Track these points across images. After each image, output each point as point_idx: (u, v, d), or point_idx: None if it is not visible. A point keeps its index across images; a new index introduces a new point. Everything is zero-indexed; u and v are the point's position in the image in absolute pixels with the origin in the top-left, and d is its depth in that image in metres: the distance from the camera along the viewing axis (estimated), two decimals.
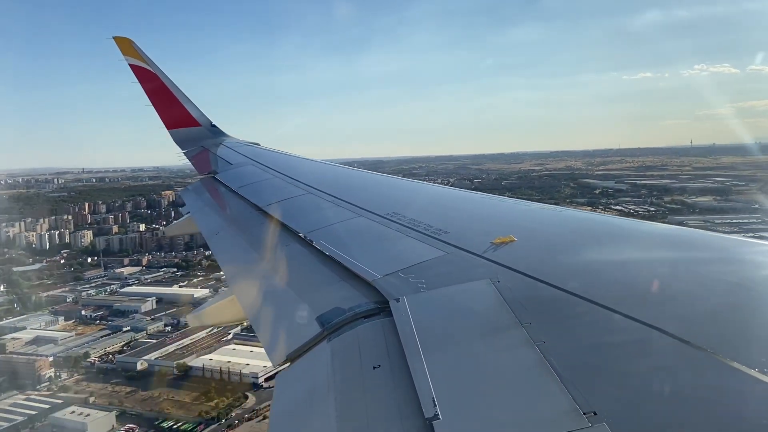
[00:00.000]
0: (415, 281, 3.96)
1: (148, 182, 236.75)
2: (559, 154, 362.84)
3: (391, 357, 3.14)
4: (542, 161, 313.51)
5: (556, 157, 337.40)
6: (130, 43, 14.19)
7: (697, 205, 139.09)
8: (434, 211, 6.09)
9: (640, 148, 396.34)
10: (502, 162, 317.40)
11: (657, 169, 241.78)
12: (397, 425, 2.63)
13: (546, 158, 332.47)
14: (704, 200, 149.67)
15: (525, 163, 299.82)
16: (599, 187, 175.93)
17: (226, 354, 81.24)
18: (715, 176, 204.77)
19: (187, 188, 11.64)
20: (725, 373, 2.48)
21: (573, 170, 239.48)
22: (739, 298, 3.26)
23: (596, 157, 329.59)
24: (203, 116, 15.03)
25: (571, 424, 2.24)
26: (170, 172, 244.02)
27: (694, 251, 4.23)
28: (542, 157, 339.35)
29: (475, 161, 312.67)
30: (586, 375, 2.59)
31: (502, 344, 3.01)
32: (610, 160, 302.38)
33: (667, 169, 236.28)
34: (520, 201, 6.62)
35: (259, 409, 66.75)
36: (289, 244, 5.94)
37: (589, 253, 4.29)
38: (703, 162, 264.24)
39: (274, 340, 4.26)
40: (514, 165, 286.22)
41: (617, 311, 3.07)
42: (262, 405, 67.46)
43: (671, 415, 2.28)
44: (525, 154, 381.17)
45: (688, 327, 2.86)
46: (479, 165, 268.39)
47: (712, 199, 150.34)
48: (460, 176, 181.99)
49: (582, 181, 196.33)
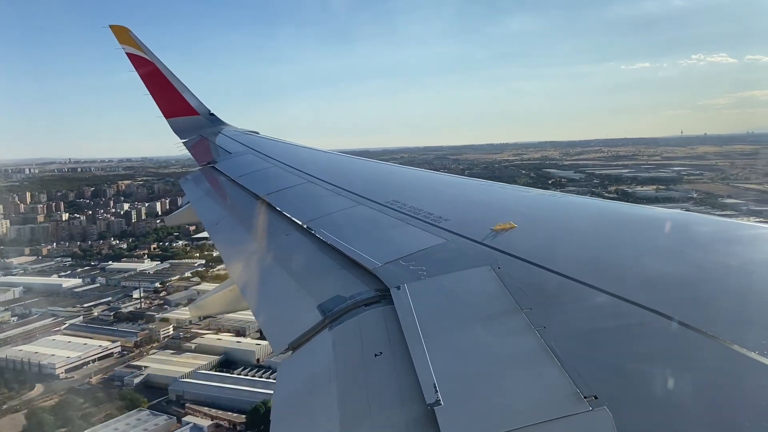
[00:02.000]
0: (416, 269, 3.96)
1: (120, 172, 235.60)
2: (545, 145, 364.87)
3: (392, 344, 3.16)
4: (522, 152, 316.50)
5: (544, 147, 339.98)
6: (127, 31, 14.10)
7: (636, 194, 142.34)
8: (434, 199, 6.07)
9: (631, 138, 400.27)
10: (483, 152, 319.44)
11: (626, 159, 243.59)
12: (398, 412, 2.66)
13: (533, 149, 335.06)
14: (645, 189, 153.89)
15: (504, 154, 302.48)
16: (558, 177, 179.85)
17: (45, 345, 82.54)
18: (676, 166, 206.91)
19: (186, 178, 11.57)
20: (726, 357, 2.49)
21: (545, 160, 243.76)
22: (740, 283, 3.26)
23: (582, 147, 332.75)
24: (201, 105, 14.97)
25: (572, 408, 2.27)
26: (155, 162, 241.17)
27: (694, 236, 4.23)
28: (532, 148, 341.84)
29: (458, 152, 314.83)
30: (586, 360, 2.60)
31: (503, 330, 3.03)
32: (590, 150, 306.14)
33: (635, 159, 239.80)
34: (520, 188, 6.66)
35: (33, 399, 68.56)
36: (289, 233, 5.95)
37: (588, 239, 4.30)
38: (675, 152, 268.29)
39: (276, 328, 4.31)
40: (493, 155, 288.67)
41: (617, 296, 3.08)
42: (46, 395, 69.75)
43: (672, 399, 2.29)
44: (514, 145, 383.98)
45: (688, 311, 2.87)
46: (458, 155, 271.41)
47: (654, 188, 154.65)
48: (431, 166, 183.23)
49: (545, 170, 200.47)
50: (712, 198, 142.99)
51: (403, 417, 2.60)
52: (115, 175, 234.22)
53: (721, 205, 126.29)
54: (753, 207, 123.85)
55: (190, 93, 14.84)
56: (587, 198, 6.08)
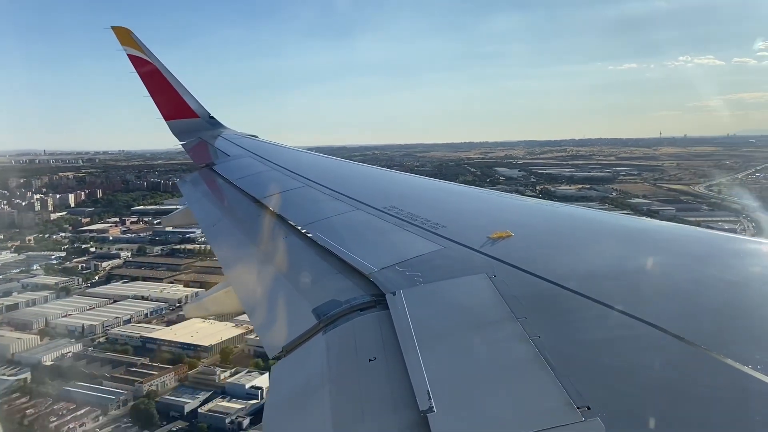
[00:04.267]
0: (412, 275, 3.97)
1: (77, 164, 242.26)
2: (520, 144, 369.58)
3: (386, 350, 3.15)
4: (490, 150, 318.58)
5: (515, 147, 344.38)
6: (128, 33, 14.06)
7: (556, 192, 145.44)
8: (432, 206, 6.10)
9: (608, 138, 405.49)
10: (452, 150, 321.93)
11: (582, 159, 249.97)
12: (392, 418, 2.64)
13: (503, 148, 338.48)
14: (567, 188, 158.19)
15: (471, 152, 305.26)
16: (498, 175, 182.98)
17: None
18: (622, 166, 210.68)
19: (184, 179, 11.60)
20: (718, 370, 2.50)
21: (503, 159, 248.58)
22: (734, 296, 3.28)
23: (552, 146, 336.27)
24: (201, 108, 14.93)
25: (564, 418, 2.26)
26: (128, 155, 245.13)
27: (689, 248, 4.25)
28: (504, 147, 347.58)
29: (428, 150, 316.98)
30: (580, 370, 2.60)
31: (498, 338, 3.03)
32: (557, 149, 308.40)
33: (590, 159, 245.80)
34: (518, 196, 6.72)
35: None
36: (286, 236, 5.96)
37: (585, 249, 4.32)
38: (633, 152, 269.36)
39: (271, 331, 4.29)
40: (459, 153, 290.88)
41: (612, 307, 3.10)
42: None
43: (664, 411, 2.29)
44: (491, 144, 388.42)
45: (683, 323, 2.88)
46: (424, 153, 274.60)
47: (579, 188, 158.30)
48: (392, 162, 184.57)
49: (495, 169, 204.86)
50: (624, 198, 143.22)
51: (395, 423, 2.60)
52: (68, 166, 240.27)
53: (628, 204, 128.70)
54: (653, 207, 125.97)
55: (191, 95, 14.83)
56: (585, 208, 6.17)
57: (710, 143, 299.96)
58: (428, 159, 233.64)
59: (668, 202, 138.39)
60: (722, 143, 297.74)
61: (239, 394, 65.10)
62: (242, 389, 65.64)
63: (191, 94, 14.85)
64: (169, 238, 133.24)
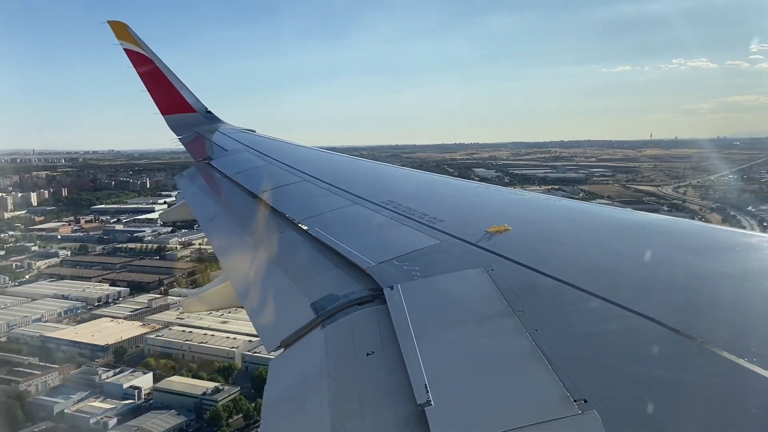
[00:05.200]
0: (410, 269, 3.97)
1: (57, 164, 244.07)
2: (508, 146, 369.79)
3: (384, 344, 3.16)
4: (477, 152, 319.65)
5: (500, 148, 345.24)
6: (125, 27, 13.96)
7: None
8: (429, 200, 6.12)
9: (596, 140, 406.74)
10: (438, 152, 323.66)
11: (563, 160, 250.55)
12: (389, 411, 2.65)
13: (490, 149, 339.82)
14: (537, 189, 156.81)
15: (457, 153, 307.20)
16: (477, 176, 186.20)
17: None
18: (598, 168, 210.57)
19: (182, 174, 11.49)
20: (715, 363, 2.51)
21: (487, 160, 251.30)
22: (731, 289, 3.29)
23: (539, 148, 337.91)
24: (199, 102, 14.88)
25: (561, 411, 2.27)
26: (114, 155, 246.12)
27: (687, 242, 4.24)
28: (492, 148, 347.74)
29: (416, 150, 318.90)
30: (577, 363, 2.61)
31: (495, 332, 3.03)
32: (541, 151, 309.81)
33: (571, 161, 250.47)
34: (516, 190, 6.76)
35: None
36: (284, 230, 5.94)
37: (582, 243, 4.32)
38: (615, 154, 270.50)
39: (269, 325, 4.28)
40: (445, 154, 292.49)
41: (609, 300, 3.10)
42: None
43: (661, 404, 2.31)
44: (482, 146, 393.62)
45: (679, 316, 2.89)
46: (410, 154, 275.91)
47: (548, 188, 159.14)
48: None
49: (473, 170, 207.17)
50: (588, 199, 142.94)
51: (393, 417, 2.61)
52: (47, 165, 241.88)
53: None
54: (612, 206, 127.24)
55: (188, 90, 14.77)
56: (582, 202, 6.17)
57: (697, 146, 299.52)
58: (412, 160, 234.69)
59: (629, 203, 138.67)
60: (708, 146, 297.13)
61: (116, 394, 64.98)
62: (120, 389, 65.52)
63: (188, 88, 14.77)
64: (117, 237, 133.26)
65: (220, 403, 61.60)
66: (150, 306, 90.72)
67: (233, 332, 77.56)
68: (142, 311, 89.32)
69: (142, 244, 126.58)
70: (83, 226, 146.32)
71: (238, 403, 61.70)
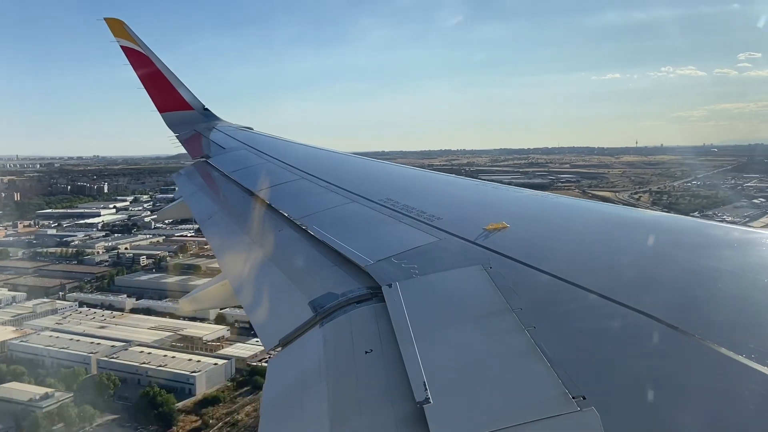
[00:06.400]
0: (408, 267, 3.96)
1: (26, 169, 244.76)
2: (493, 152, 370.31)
3: (383, 342, 3.15)
4: (456, 158, 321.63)
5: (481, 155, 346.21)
6: (122, 24, 13.83)
7: None
8: (427, 198, 6.08)
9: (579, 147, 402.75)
10: (420, 158, 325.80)
11: (536, 166, 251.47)
12: (388, 409, 2.64)
13: (470, 155, 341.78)
14: None
15: (436, 159, 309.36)
16: None
17: None
18: (566, 174, 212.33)
19: (179, 172, 11.44)
20: (713, 359, 2.50)
21: (462, 166, 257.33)
22: (729, 286, 3.28)
23: (519, 155, 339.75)
24: (196, 100, 14.79)
25: (560, 408, 2.27)
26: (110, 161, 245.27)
27: (684, 239, 4.24)
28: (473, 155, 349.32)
29: (398, 156, 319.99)
30: (575, 360, 2.61)
31: (493, 329, 3.02)
32: (520, 158, 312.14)
33: (545, 167, 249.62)
34: (513, 188, 6.69)
35: None
36: (282, 229, 5.93)
37: (580, 240, 4.31)
38: (590, 160, 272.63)
39: (267, 324, 4.28)
40: (425, 160, 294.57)
41: (607, 297, 3.09)
42: None
43: (659, 400, 2.30)
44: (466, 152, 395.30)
45: (677, 313, 2.88)
46: (390, 159, 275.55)
47: None
48: None
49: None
50: None
51: (392, 415, 2.60)
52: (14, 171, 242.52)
53: None
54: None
55: (185, 88, 14.68)
56: (580, 199, 6.19)
57: (676, 153, 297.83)
58: None
59: None
60: (687, 153, 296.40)
61: None
62: None
63: (185, 86, 14.62)
64: (46, 242, 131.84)
65: (45, 409, 58.74)
66: (34, 311, 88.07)
67: (104, 337, 75.82)
68: (25, 316, 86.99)
69: (64, 249, 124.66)
70: (19, 230, 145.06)
71: (64, 410, 58.81)
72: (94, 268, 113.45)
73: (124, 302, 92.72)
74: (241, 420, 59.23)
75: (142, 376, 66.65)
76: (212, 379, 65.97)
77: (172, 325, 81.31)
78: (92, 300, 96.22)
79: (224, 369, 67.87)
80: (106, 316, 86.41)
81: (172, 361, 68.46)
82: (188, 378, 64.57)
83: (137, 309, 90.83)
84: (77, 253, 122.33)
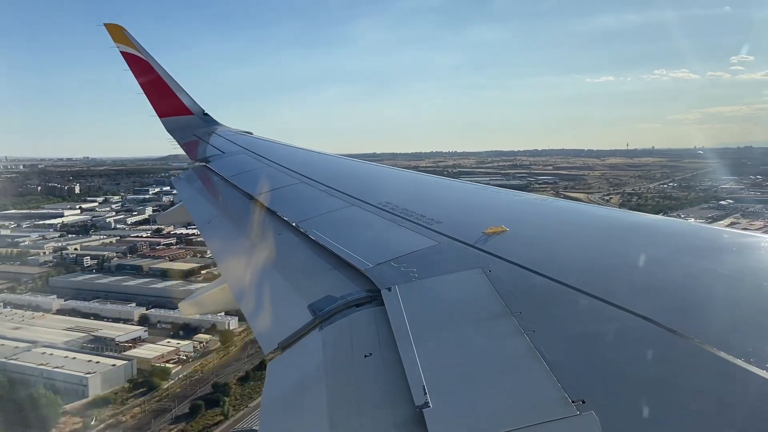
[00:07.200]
0: (407, 270, 3.94)
1: None
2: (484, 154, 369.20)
3: (382, 345, 3.15)
4: (443, 160, 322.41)
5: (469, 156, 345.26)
6: (121, 30, 13.87)
7: None
8: (427, 201, 6.10)
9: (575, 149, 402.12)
10: (408, 160, 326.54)
11: (518, 168, 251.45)
12: (387, 413, 2.65)
13: (457, 157, 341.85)
14: None
15: (424, 161, 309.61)
16: None
17: None
18: (545, 176, 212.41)
19: (179, 176, 11.50)
20: (712, 363, 2.51)
21: (446, 168, 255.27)
22: (728, 290, 3.27)
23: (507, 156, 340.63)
24: (195, 105, 14.82)
25: (559, 412, 2.27)
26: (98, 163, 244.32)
27: (683, 242, 4.22)
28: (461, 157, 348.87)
29: (387, 158, 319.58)
30: (575, 364, 2.61)
31: (493, 333, 3.02)
32: (505, 160, 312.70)
33: (528, 169, 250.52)
34: (513, 191, 6.64)
35: None
36: (281, 232, 5.94)
37: (579, 244, 4.30)
38: (574, 162, 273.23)
39: (266, 328, 4.25)
40: (412, 162, 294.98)
41: (607, 301, 3.09)
42: None
43: (659, 404, 2.31)
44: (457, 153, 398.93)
45: (676, 317, 2.88)
46: (378, 161, 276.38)
47: None
48: None
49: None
50: None
51: (391, 418, 2.61)
52: None
53: None
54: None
55: (185, 92, 14.73)
56: (579, 203, 6.23)
57: (662, 155, 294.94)
58: None
59: None
60: (673, 155, 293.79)
61: None
62: None
63: (185, 91, 14.69)
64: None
65: None
66: None
67: (11, 338, 73.57)
68: None
69: (10, 249, 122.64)
70: None
71: None
72: (35, 269, 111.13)
73: (51, 303, 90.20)
74: (124, 421, 57.10)
75: (38, 377, 64.45)
76: (109, 380, 64.37)
77: (90, 325, 79.48)
78: (19, 301, 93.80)
79: (123, 370, 66.16)
80: (26, 317, 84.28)
81: (71, 363, 66.41)
82: (81, 380, 62.73)
83: (63, 310, 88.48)
84: (20, 254, 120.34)
